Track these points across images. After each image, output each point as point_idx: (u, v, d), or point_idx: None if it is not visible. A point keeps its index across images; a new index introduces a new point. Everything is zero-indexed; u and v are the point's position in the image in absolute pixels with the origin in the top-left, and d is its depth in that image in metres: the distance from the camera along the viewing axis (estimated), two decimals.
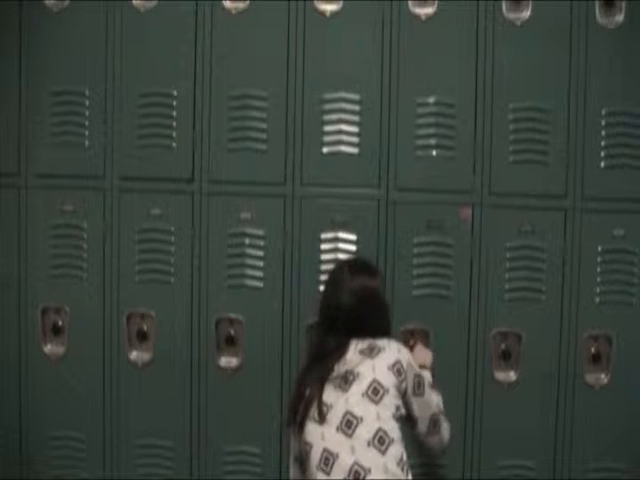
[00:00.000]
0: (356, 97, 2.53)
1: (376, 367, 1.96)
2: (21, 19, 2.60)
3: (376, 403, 1.92)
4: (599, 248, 2.51)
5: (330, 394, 1.96)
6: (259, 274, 2.56)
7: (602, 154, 2.51)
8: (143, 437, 2.62)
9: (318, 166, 2.55)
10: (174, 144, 2.57)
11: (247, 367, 2.57)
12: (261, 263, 2.56)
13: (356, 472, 1.87)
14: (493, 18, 2.49)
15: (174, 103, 2.57)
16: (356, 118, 2.53)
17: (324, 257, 2.54)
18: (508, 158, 2.51)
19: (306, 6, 2.52)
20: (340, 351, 2.01)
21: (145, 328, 2.61)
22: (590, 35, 2.49)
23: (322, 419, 1.95)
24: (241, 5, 2.55)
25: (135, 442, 2.62)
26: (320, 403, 1.96)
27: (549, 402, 2.53)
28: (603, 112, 2.50)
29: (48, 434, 2.66)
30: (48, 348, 2.64)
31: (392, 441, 1.90)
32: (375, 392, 1.93)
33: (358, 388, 1.94)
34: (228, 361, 2.59)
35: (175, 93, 2.57)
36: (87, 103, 2.59)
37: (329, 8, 2.53)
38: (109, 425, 2.63)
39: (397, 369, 1.96)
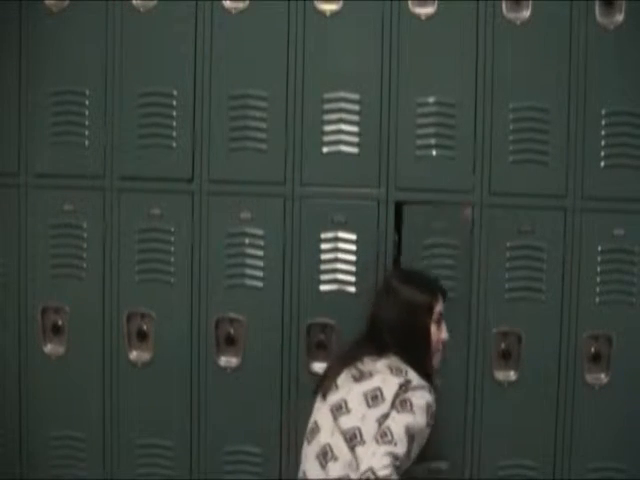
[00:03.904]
0: (356, 97, 2.53)
1: (388, 381, 2.03)
2: (21, 19, 2.60)
3: (369, 407, 1.99)
4: (599, 248, 2.51)
5: (343, 378, 2.07)
6: (259, 274, 2.56)
7: (602, 154, 2.50)
8: (143, 437, 2.62)
9: (318, 166, 2.55)
10: (174, 144, 2.57)
11: (247, 367, 2.57)
12: (261, 263, 2.56)
13: (325, 453, 1.96)
14: (493, 18, 2.49)
15: (174, 103, 2.57)
16: (356, 118, 2.53)
17: (324, 257, 2.54)
18: (508, 158, 2.51)
19: (306, 6, 2.52)
20: (377, 353, 2.10)
21: (145, 328, 2.61)
22: (590, 35, 2.48)
23: (325, 395, 2.07)
24: (241, 5, 2.54)
25: (135, 442, 2.62)
26: (332, 381, 2.08)
27: (549, 402, 2.53)
28: (603, 112, 2.50)
29: (48, 434, 2.66)
30: (48, 348, 2.64)
31: (364, 443, 1.94)
32: (374, 398, 1.99)
33: (363, 387, 2.03)
34: (228, 361, 2.58)
35: (175, 93, 2.57)
36: (87, 103, 2.59)
37: (329, 8, 2.53)
38: (109, 425, 2.63)
39: (404, 389, 2.02)
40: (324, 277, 2.54)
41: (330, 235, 2.55)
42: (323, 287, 2.54)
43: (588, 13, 2.48)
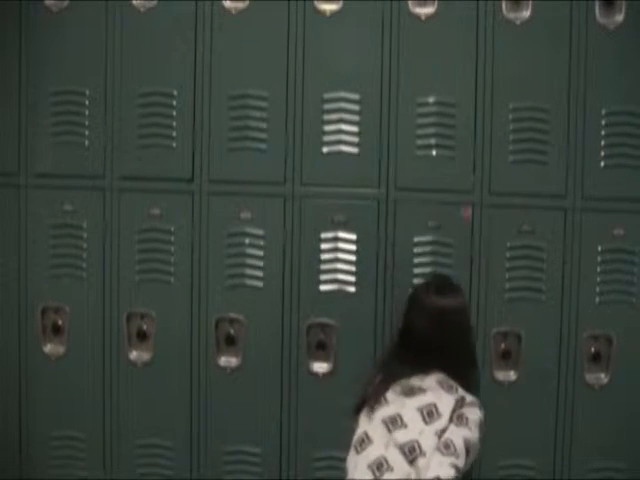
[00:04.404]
0: (356, 97, 2.53)
1: (443, 398, 2.00)
2: (21, 19, 2.60)
3: (426, 423, 1.96)
4: (599, 248, 2.51)
5: (392, 393, 2.03)
6: (259, 274, 2.56)
7: (602, 154, 2.51)
8: (143, 437, 2.62)
9: (318, 166, 2.55)
10: (174, 144, 2.57)
11: (247, 367, 2.57)
12: (261, 263, 2.56)
13: (380, 464, 1.93)
14: (493, 18, 2.49)
15: (174, 103, 2.57)
16: (356, 118, 2.53)
17: (324, 257, 2.54)
18: (508, 158, 2.51)
19: (306, 6, 2.52)
20: (422, 371, 2.05)
21: (145, 328, 2.61)
22: (590, 35, 2.49)
23: (375, 408, 2.02)
24: (241, 5, 2.55)
25: (135, 442, 2.62)
26: (380, 396, 2.03)
27: (549, 402, 2.53)
28: (603, 112, 2.50)
29: (48, 434, 2.66)
30: (48, 348, 2.64)
31: (424, 454, 1.92)
32: (430, 414, 1.97)
33: (416, 402, 1.99)
34: (228, 361, 2.59)
35: (175, 93, 2.57)
36: (87, 103, 2.59)
37: (329, 8, 2.53)
38: (109, 425, 2.63)
39: (460, 404, 1.99)
40: (324, 277, 2.54)
41: (330, 235, 2.55)
42: (323, 287, 2.55)
43: (588, 13, 2.48)
